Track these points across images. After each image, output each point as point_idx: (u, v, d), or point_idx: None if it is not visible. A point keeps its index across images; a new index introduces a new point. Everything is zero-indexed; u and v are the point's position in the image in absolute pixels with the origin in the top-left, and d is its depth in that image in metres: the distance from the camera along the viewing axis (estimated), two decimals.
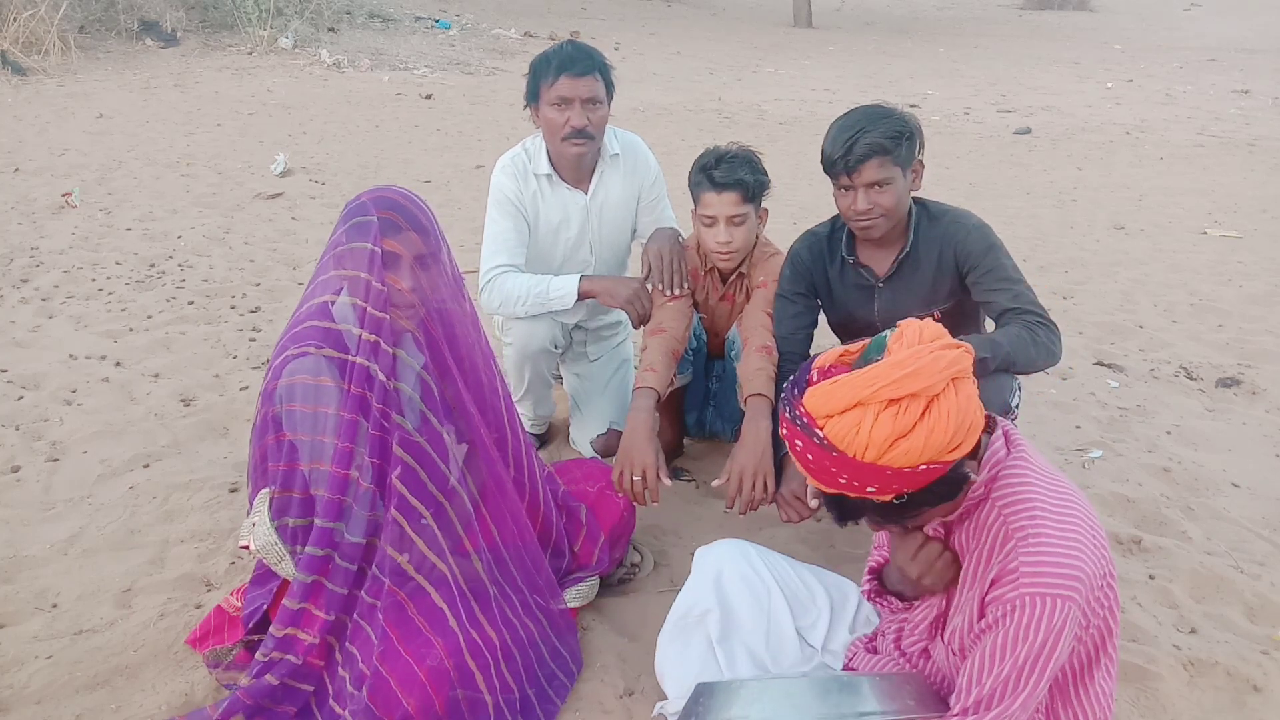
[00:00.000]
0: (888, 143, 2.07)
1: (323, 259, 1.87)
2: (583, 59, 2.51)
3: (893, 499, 1.29)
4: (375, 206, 1.81)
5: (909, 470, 1.25)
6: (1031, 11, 22.22)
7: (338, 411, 1.78)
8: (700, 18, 18.29)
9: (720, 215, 2.43)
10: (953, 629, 1.48)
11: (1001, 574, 1.34)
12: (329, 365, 1.80)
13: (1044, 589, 1.29)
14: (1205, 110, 10.15)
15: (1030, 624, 1.29)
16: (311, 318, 1.84)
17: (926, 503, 1.32)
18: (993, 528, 1.39)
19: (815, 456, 1.28)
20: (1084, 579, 1.29)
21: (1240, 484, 2.90)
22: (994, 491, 1.41)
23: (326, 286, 1.85)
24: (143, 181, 5.97)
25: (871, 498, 1.29)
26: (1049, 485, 1.40)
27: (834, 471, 1.27)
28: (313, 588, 1.80)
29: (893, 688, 1.49)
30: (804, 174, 6.82)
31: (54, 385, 3.26)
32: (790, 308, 2.40)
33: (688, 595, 1.88)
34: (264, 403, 1.85)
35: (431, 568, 1.83)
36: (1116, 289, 4.69)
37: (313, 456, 1.81)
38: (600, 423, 2.88)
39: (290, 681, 1.79)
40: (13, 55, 9.09)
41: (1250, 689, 2.02)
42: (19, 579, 2.27)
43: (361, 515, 1.80)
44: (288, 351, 1.82)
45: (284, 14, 11.63)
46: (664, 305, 2.51)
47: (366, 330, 1.78)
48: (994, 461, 1.41)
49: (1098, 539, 1.35)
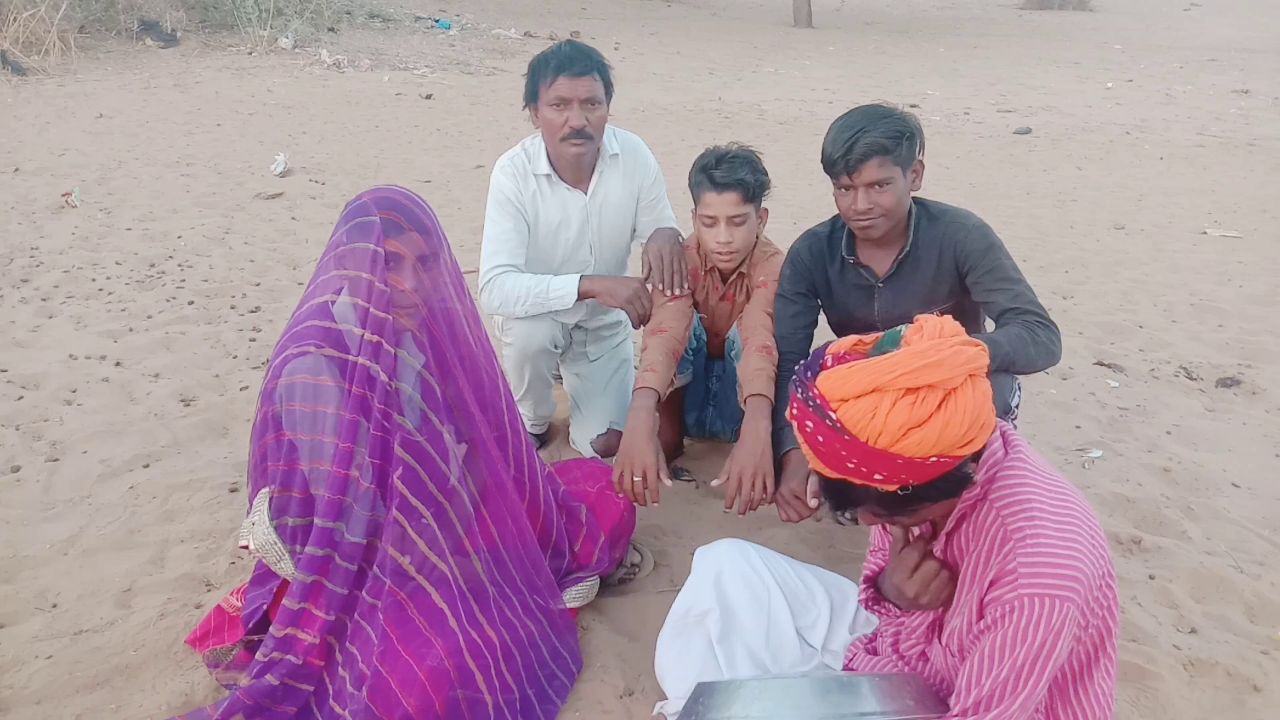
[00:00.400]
0: (888, 142, 2.07)
1: (323, 259, 1.87)
2: (581, 59, 2.51)
3: (897, 489, 1.28)
4: (377, 206, 1.80)
5: (919, 461, 1.24)
6: (1031, 11, 22.22)
7: (338, 411, 1.79)
8: (700, 18, 18.29)
9: (721, 215, 2.43)
10: (951, 630, 1.48)
11: (1000, 575, 1.34)
12: (329, 364, 1.80)
13: (1042, 590, 1.28)
14: (1205, 110, 10.15)
15: (1029, 625, 1.29)
16: (311, 317, 1.84)
17: (928, 498, 1.31)
18: (990, 529, 1.39)
19: (825, 439, 1.27)
20: (1083, 579, 1.29)
21: (1240, 484, 2.90)
22: (991, 493, 1.40)
23: (327, 286, 1.85)
24: (143, 181, 5.97)
25: (876, 485, 1.28)
26: (1047, 486, 1.40)
27: (843, 455, 1.26)
28: (313, 587, 1.80)
29: (893, 688, 1.49)
30: (804, 174, 6.82)
31: (54, 385, 3.26)
32: (790, 307, 2.40)
33: (688, 595, 1.89)
34: (264, 402, 1.85)
35: (432, 568, 1.83)
36: (1116, 289, 4.69)
37: (312, 456, 1.81)
38: (600, 423, 2.88)
39: (290, 681, 1.79)
40: (13, 55, 9.09)
41: (1250, 689, 2.02)
42: (19, 579, 2.27)
43: (362, 515, 1.80)
44: (287, 351, 1.82)
45: (284, 14, 11.64)
46: (664, 305, 2.51)
47: (369, 330, 1.78)
48: (991, 462, 1.41)
49: (1096, 539, 1.35)
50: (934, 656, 1.57)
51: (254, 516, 1.86)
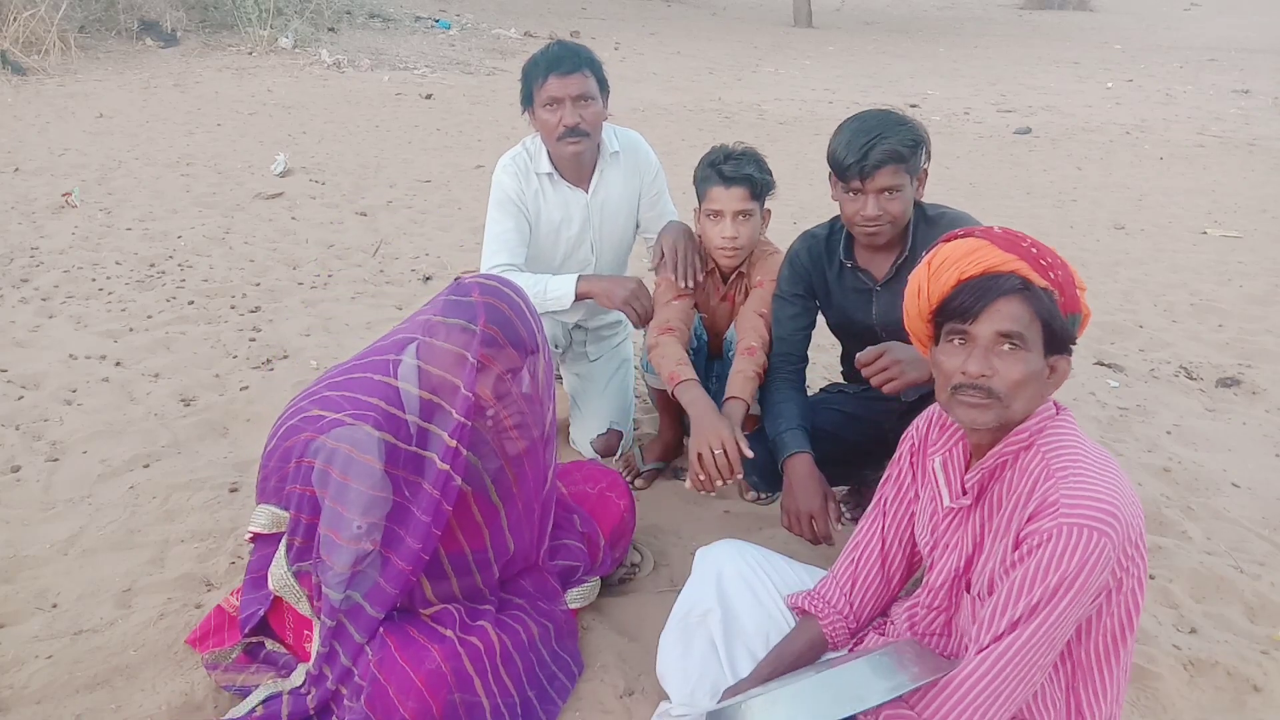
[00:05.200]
0: (905, 151, 2.06)
1: (411, 319, 1.89)
2: (569, 57, 2.51)
3: (1045, 286, 1.43)
4: (485, 315, 1.77)
5: (1048, 257, 1.44)
6: (1031, 11, 22.21)
7: (370, 491, 1.77)
8: (700, 18, 18.28)
9: (728, 210, 2.43)
10: (985, 575, 1.50)
11: (1040, 508, 1.39)
12: (380, 445, 1.78)
13: (1080, 520, 1.34)
14: (1205, 110, 10.15)
15: (1065, 551, 1.33)
16: (380, 393, 1.82)
17: (1053, 322, 1.43)
18: (1034, 470, 1.45)
19: (1001, 229, 1.49)
20: (1120, 518, 1.34)
21: (1240, 484, 2.90)
22: (1039, 440, 1.47)
23: (399, 346, 1.86)
24: (143, 181, 5.97)
25: (1030, 276, 1.42)
26: (1091, 444, 1.48)
27: (1019, 237, 1.47)
28: (338, 631, 1.81)
29: (895, 661, 1.47)
30: (804, 174, 6.82)
31: (54, 385, 3.26)
32: (789, 308, 2.40)
33: (688, 595, 1.88)
34: (294, 433, 1.84)
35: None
36: (1116, 289, 4.70)
37: (329, 524, 1.79)
38: (600, 423, 2.89)
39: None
40: (13, 55, 9.09)
41: (1250, 689, 2.02)
42: (19, 579, 2.27)
43: (372, 575, 1.80)
44: (345, 412, 1.80)
45: (284, 14, 11.63)
46: (668, 304, 2.51)
47: (450, 435, 1.77)
48: (1045, 415, 1.49)
49: (1134, 500, 1.41)
50: (962, 617, 1.58)
51: (274, 567, 1.87)
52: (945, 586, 1.61)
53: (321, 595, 1.80)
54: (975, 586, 1.53)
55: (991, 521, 1.52)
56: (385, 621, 1.79)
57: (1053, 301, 1.44)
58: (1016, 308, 1.43)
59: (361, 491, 1.76)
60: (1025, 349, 1.43)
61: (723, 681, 1.75)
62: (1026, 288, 1.43)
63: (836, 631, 1.75)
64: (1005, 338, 1.43)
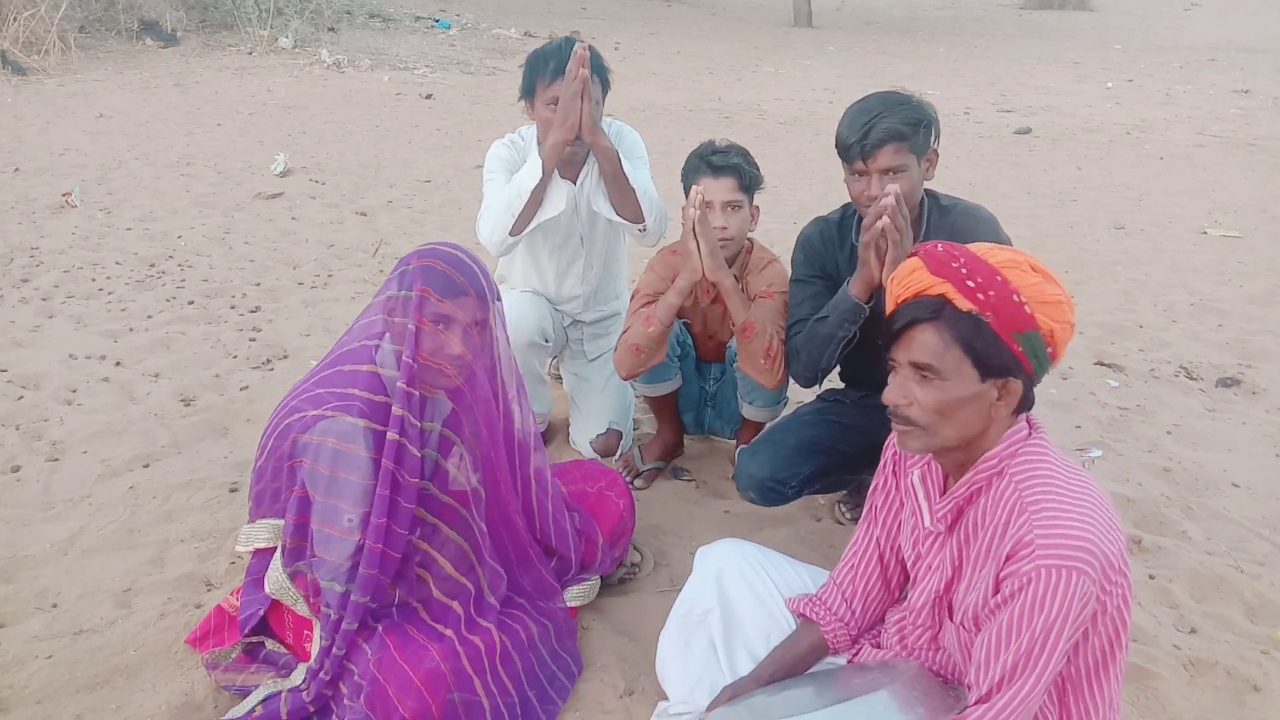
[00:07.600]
0: (905, 129, 2.05)
1: (372, 303, 1.90)
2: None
3: (971, 309, 1.38)
4: (434, 258, 1.83)
5: (979, 277, 1.39)
6: (1031, 11, 22.20)
7: (361, 480, 1.78)
8: (700, 17, 18.28)
9: (717, 200, 2.43)
10: (965, 607, 1.49)
11: (1016, 548, 1.37)
12: (365, 433, 1.79)
13: (1058, 561, 1.31)
14: (1205, 110, 10.15)
15: (1045, 596, 1.31)
16: (360, 384, 1.84)
17: (984, 349, 1.39)
18: (1007, 500, 1.42)
19: (945, 247, 1.45)
20: (1096, 553, 1.32)
21: (1240, 484, 2.90)
22: (1011, 467, 1.45)
23: (370, 329, 1.88)
24: (143, 181, 5.97)
25: (954, 298, 1.39)
26: (1064, 466, 1.45)
27: (954, 255, 1.43)
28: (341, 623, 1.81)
29: (901, 702, 1.44)
30: (804, 174, 6.81)
31: (54, 385, 3.26)
32: (808, 289, 2.35)
33: (688, 595, 1.89)
34: (283, 438, 1.84)
35: (447, 586, 1.87)
36: (1116, 289, 4.69)
37: (323, 519, 1.80)
38: (600, 422, 2.88)
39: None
40: (13, 55, 9.08)
41: (1250, 689, 2.02)
42: (19, 579, 2.27)
43: (369, 575, 1.80)
44: (328, 406, 1.81)
45: (284, 14, 11.62)
46: (638, 311, 2.48)
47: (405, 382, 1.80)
48: (1015, 439, 1.46)
49: (1111, 524, 1.38)
50: (947, 639, 1.58)
51: (271, 572, 1.86)
52: (927, 608, 1.61)
53: (319, 593, 1.80)
54: (958, 614, 1.52)
55: (969, 548, 1.51)
56: (385, 621, 1.79)
57: (978, 325, 1.39)
58: (930, 336, 1.41)
59: (353, 482, 1.77)
60: (940, 378, 1.41)
61: (722, 681, 1.76)
62: (939, 315, 1.40)
63: (837, 637, 1.76)
64: (916, 369, 1.43)
